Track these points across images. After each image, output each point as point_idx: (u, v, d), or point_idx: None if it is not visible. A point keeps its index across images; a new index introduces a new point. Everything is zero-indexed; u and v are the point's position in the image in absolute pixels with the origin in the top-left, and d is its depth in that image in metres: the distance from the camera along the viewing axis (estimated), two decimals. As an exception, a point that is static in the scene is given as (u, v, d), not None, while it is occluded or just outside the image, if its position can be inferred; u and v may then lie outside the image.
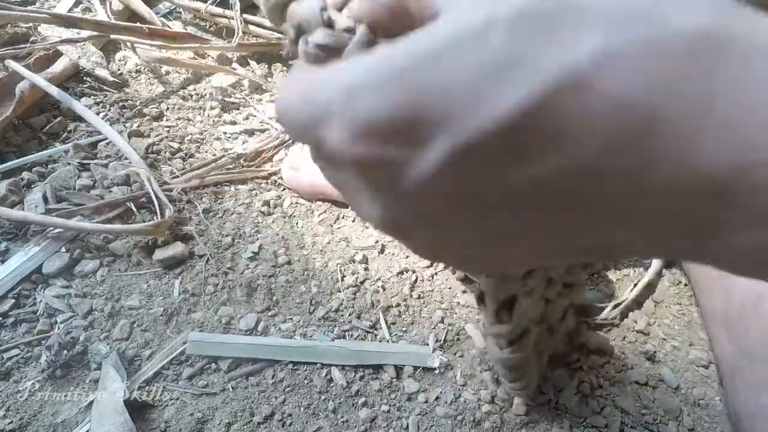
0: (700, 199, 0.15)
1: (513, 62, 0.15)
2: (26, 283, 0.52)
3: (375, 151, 0.16)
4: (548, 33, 0.15)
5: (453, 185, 0.16)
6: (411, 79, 0.15)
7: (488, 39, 0.15)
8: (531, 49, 0.15)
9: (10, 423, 0.43)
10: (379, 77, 0.16)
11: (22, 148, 0.64)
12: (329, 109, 0.17)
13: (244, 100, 0.76)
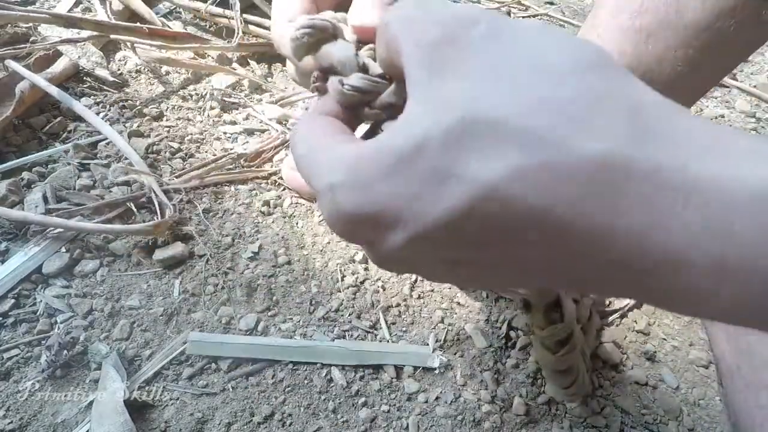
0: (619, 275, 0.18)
1: (444, 176, 0.19)
2: (26, 283, 0.52)
3: (351, 232, 0.22)
4: (472, 150, 0.18)
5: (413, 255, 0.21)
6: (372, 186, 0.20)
7: (425, 155, 0.19)
8: (458, 165, 0.18)
9: (10, 423, 0.43)
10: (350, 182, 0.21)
11: (22, 148, 0.64)
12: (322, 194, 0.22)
13: (244, 100, 0.76)
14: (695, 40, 0.39)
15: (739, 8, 0.37)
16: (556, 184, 0.17)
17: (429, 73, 0.20)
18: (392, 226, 0.20)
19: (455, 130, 0.18)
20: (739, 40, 0.39)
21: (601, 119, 0.17)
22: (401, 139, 0.19)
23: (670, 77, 0.41)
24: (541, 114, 0.17)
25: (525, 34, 0.20)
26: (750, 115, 0.92)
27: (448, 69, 0.20)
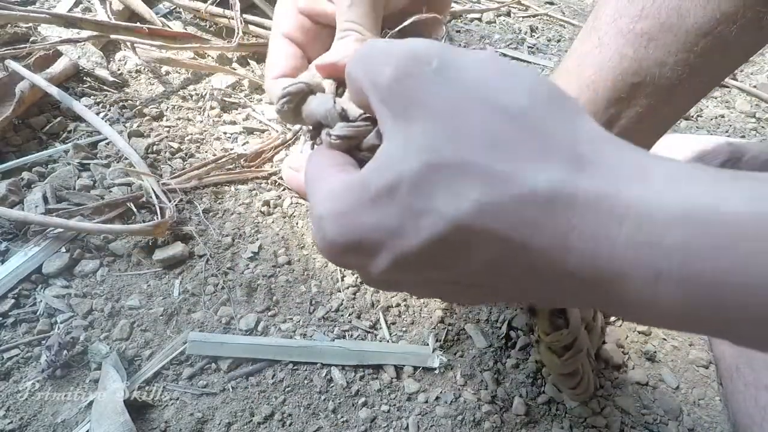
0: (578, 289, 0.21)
1: (418, 211, 0.21)
2: (26, 283, 0.52)
3: (339, 258, 0.25)
4: (439, 188, 0.21)
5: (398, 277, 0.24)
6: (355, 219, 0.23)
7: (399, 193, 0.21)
8: (429, 202, 0.21)
9: (10, 423, 0.43)
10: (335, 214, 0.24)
11: (22, 148, 0.64)
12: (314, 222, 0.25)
13: (244, 100, 0.76)
14: (696, 45, 0.39)
15: (740, 13, 0.37)
16: (513, 213, 0.20)
17: (392, 112, 0.23)
18: (376, 254, 0.23)
19: (422, 171, 0.21)
20: (739, 44, 0.39)
21: (547, 154, 0.20)
22: (379, 178, 0.22)
23: (670, 81, 0.41)
24: (494, 152, 0.20)
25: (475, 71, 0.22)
26: (750, 115, 0.92)
27: (409, 107, 0.22)
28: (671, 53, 0.40)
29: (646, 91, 0.42)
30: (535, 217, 0.19)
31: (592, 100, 0.46)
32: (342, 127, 0.28)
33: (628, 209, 0.18)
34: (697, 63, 0.40)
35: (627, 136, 0.46)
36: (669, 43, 0.40)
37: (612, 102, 0.44)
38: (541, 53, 1.02)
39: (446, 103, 0.21)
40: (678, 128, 0.86)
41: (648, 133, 0.47)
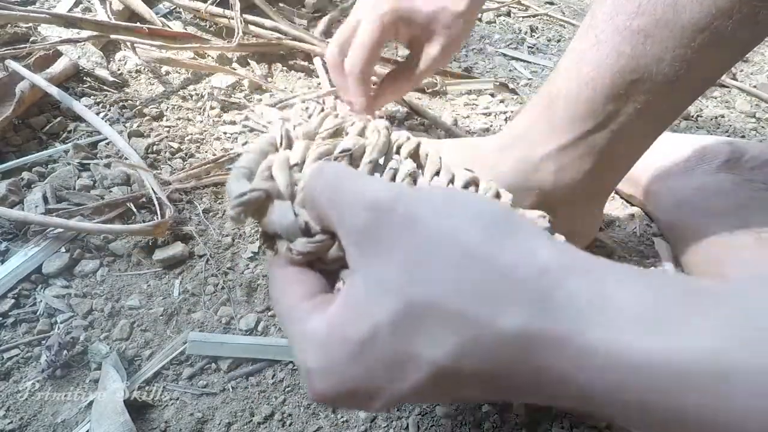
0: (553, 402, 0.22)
1: (402, 358, 0.22)
2: (26, 283, 0.52)
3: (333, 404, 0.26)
4: (417, 334, 0.21)
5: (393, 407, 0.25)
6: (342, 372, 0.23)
7: (380, 341, 0.22)
8: (410, 348, 0.22)
9: (10, 423, 0.43)
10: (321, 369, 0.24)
11: (22, 148, 0.64)
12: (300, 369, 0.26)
13: (244, 100, 0.76)
14: (693, 40, 0.39)
15: (736, 8, 0.37)
16: (490, 354, 0.21)
17: (362, 254, 0.24)
18: (368, 399, 0.24)
19: (398, 316, 0.22)
20: (736, 39, 0.39)
21: (511, 294, 0.21)
22: (357, 329, 0.23)
23: (668, 77, 0.41)
24: (463, 296, 0.21)
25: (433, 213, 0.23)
26: (750, 115, 0.92)
27: (379, 251, 0.23)
28: (668, 49, 0.40)
29: (644, 88, 0.42)
30: (510, 357, 0.21)
31: (591, 98, 0.46)
32: (304, 243, 0.27)
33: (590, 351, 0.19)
34: (694, 59, 0.40)
35: (626, 133, 0.46)
36: (665, 39, 0.40)
37: (610, 99, 0.44)
38: (541, 53, 1.02)
39: (413, 248, 0.22)
40: (678, 128, 0.86)
41: (647, 129, 0.47)
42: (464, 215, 0.23)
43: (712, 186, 0.61)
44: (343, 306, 0.24)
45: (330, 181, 0.26)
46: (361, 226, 0.23)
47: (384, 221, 0.23)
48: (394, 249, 0.22)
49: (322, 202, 0.26)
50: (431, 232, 0.22)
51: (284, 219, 0.27)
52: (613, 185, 0.56)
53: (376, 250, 0.23)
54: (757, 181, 0.61)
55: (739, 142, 0.66)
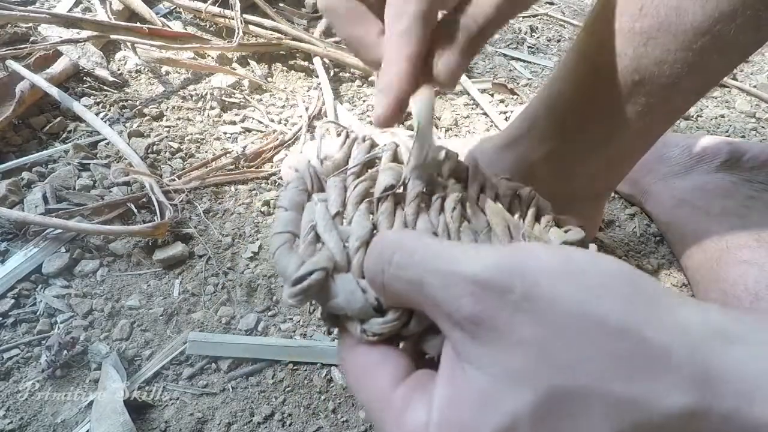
0: None
1: None
2: (26, 283, 0.52)
3: None
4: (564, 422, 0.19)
5: None
6: None
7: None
8: None
9: (10, 423, 0.43)
10: None
11: (22, 148, 0.64)
12: None
13: (244, 100, 0.76)
14: (695, 44, 0.39)
15: (739, 12, 0.37)
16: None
17: (476, 342, 0.21)
18: None
19: (539, 409, 0.19)
20: (738, 43, 0.39)
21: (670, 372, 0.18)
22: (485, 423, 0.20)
23: (669, 80, 0.41)
24: (614, 378, 0.19)
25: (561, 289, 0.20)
26: (750, 115, 0.92)
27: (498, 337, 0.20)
28: (670, 52, 0.40)
29: (645, 90, 0.42)
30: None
31: (591, 100, 0.46)
32: (380, 325, 0.24)
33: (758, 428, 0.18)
34: (695, 62, 0.40)
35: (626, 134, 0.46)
36: (668, 42, 0.40)
37: (611, 101, 0.44)
38: (541, 53, 1.02)
39: (541, 330, 0.20)
40: (678, 128, 0.86)
41: (647, 131, 0.47)
42: (590, 284, 0.20)
43: (712, 186, 0.61)
44: (459, 396, 0.21)
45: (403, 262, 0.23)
46: (471, 312, 0.20)
47: (500, 305, 0.20)
48: (519, 333, 0.20)
49: (399, 286, 0.23)
50: (559, 309, 0.20)
51: (353, 301, 0.25)
52: (613, 186, 0.56)
53: (494, 336, 0.20)
54: (757, 181, 0.61)
55: (739, 142, 0.66)
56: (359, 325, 0.25)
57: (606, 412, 0.19)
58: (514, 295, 0.20)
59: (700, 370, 0.19)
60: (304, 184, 0.30)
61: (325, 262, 0.25)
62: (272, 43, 0.82)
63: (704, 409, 0.18)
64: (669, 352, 0.19)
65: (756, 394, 0.18)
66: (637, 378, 0.19)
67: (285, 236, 0.27)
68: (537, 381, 0.19)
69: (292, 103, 0.77)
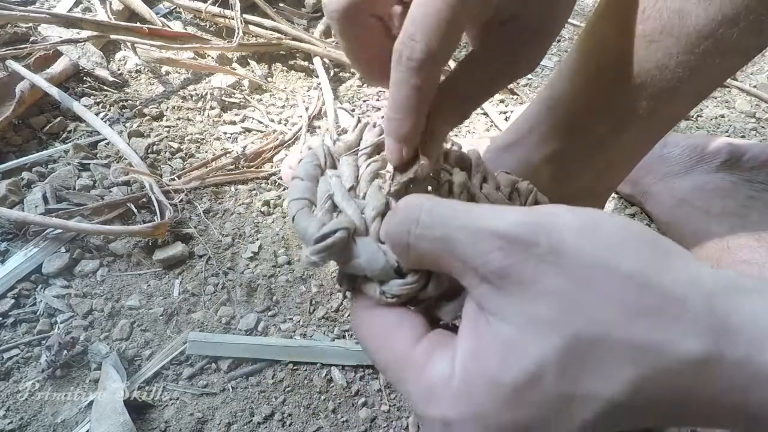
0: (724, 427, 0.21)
1: (568, 398, 0.20)
2: (26, 283, 0.52)
3: None
4: (587, 369, 0.20)
5: None
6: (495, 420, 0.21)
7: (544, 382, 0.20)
8: (578, 386, 0.20)
9: (10, 423, 0.43)
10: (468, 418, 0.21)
11: (22, 148, 0.64)
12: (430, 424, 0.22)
13: (244, 100, 0.76)
14: (697, 47, 0.39)
15: (742, 16, 0.37)
16: (668, 384, 0.20)
17: (503, 293, 0.21)
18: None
19: (565, 356, 0.20)
20: (740, 47, 0.39)
21: (686, 320, 0.20)
22: (514, 370, 0.20)
23: (670, 83, 0.41)
24: (634, 326, 0.20)
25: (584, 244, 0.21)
26: (750, 115, 0.92)
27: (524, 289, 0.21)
28: (672, 55, 0.40)
29: (646, 93, 0.42)
30: (689, 384, 0.20)
31: (592, 102, 0.45)
32: (400, 286, 0.25)
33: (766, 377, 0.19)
34: (697, 65, 0.40)
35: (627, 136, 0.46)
36: (670, 45, 0.39)
37: (612, 103, 0.44)
38: (541, 53, 1.02)
39: (566, 281, 0.20)
40: (678, 128, 0.86)
41: (648, 133, 0.47)
42: (612, 241, 0.21)
43: (712, 186, 0.61)
44: (484, 347, 0.22)
45: (431, 222, 0.23)
46: (498, 265, 0.21)
47: (526, 257, 0.21)
48: (544, 284, 0.21)
49: (426, 245, 0.23)
50: (584, 262, 0.21)
51: (375, 261, 0.25)
52: (613, 186, 0.56)
53: (520, 288, 0.21)
54: (757, 181, 0.61)
55: (739, 142, 0.66)
56: (378, 287, 0.25)
57: (627, 358, 0.20)
58: (540, 249, 0.21)
59: (714, 319, 0.20)
60: (317, 159, 0.30)
61: (347, 223, 0.26)
62: (272, 43, 0.82)
63: (717, 356, 0.19)
64: (685, 302, 0.20)
65: (766, 343, 0.19)
66: (656, 326, 0.20)
67: (303, 202, 0.27)
68: (562, 328, 0.20)
69: (292, 103, 0.77)
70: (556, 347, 0.20)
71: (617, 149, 0.48)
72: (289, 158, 0.66)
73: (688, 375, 0.20)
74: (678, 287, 0.20)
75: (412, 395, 0.23)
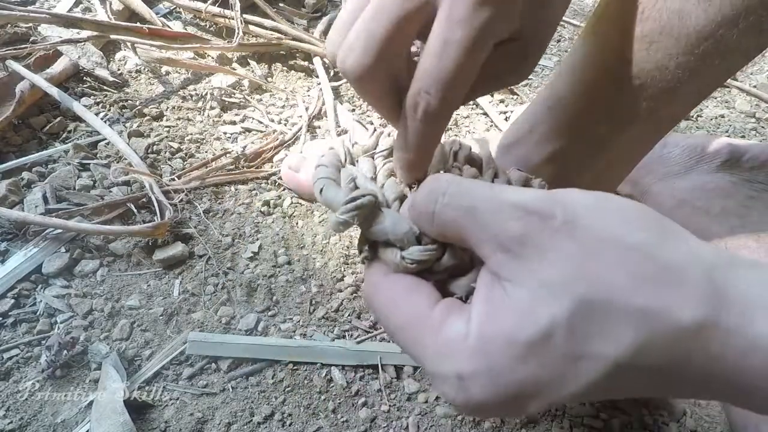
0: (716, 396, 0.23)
1: (575, 356, 0.22)
2: (26, 283, 0.52)
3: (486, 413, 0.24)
4: (594, 330, 0.21)
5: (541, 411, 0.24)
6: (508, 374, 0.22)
7: (554, 340, 0.22)
8: (586, 345, 0.22)
9: (10, 423, 0.43)
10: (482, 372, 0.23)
11: (22, 148, 0.64)
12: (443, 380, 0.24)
13: (244, 100, 0.76)
14: (697, 48, 0.39)
15: (742, 16, 0.37)
16: (667, 347, 0.21)
17: (519, 260, 0.23)
18: (528, 403, 0.23)
19: (574, 316, 0.22)
20: (740, 47, 0.39)
21: (686, 287, 0.21)
22: (527, 328, 0.22)
23: (670, 84, 0.41)
24: (639, 292, 0.21)
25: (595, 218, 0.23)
26: (750, 115, 0.92)
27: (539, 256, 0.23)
28: (672, 56, 0.40)
29: (646, 93, 0.42)
30: (687, 348, 0.21)
31: (592, 103, 0.45)
32: (420, 251, 0.27)
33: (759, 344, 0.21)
34: (697, 66, 0.40)
35: (627, 137, 0.46)
36: (670, 46, 0.39)
37: (612, 104, 0.44)
38: (541, 53, 1.02)
39: (578, 249, 0.22)
40: (678, 128, 0.86)
41: (648, 134, 0.47)
42: (623, 218, 0.23)
43: (712, 186, 0.61)
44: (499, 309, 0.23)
45: (458, 192, 0.25)
46: (516, 233, 0.23)
47: (542, 227, 0.23)
48: (558, 252, 0.22)
49: (451, 213, 0.25)
50: (595, 234, 0.22)
51: (399, 226, 0.27)
52: (613, 186, 0.56)
53: (536, 255, 0.23)
54: (757, 181, 0.61)
55: (739, 142, 0.66)
56: (399, 252, 0.27)
57: (630, 321, 0.21)
58: (556, 221, 0.23)
59: (711, 289, 0.21)
60: (338, 157, 0.33)
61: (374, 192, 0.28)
62: (272, 43, 0.82)
63: (712, 322, 0.21)
64: (686, 272, 0.22)
65: (757, 313, 0.21)
66: (658, 293, 0.21)
67: (328, 180, 0.29)
68: (572, 291, 0.22)
69: (292, 103, 0.77)
70: (566, 308, 0.22)
71: (617, 149, 0.48)
72: (288, 158, 0.66)
73: (686, 340, 0.21)
74: (679, 259, 0.22)
75: (427, 353, 0.25)
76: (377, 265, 0.28)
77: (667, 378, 0.22)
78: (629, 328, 0.21)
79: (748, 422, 0.46)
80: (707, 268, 0.22)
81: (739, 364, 0.21)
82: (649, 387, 0.23)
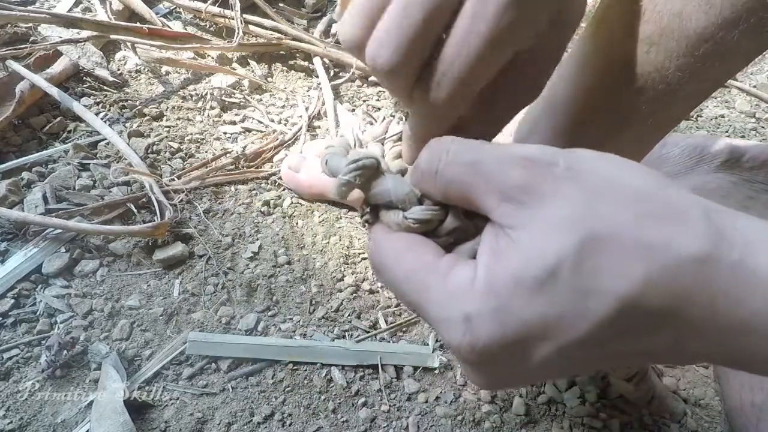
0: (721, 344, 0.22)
1: (584, 292, 0.21)
2: (26, 283, 0.52)
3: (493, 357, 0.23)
4: (601, 265, 0.21)
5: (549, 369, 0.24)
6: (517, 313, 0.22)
7: (562, 276, 0.21)
8: (594, 281, 0.21)
9: (10, 423, 0.43)
10: (490, 311, 0.22)
11: (22, 148, 0.64)
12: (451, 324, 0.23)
13: (244, 100, 0.76)
14: (697, 50, 0.39)
15: (742, 18, 0.37)
16: (672, 282, 0.21)
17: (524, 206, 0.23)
18: (535, 347, 0.23)
19: (581, 249, 0.21)
20: (740, 49, 0.39)
21: (688, 224, 0.22)
22: (534, 265, 0.22)
23: (670, 85, 0.41)
24: (644, 227, 0.22)
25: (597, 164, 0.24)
26: (750, 115, 0.92)
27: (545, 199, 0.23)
28: (672, 58, 0.40)
29: (646, 96, 0.42)
30: (690, 283, 0.21)
31: (592, 104, 0.45)
32: (423, 210, 0.27)
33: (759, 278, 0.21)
34: (697, 68, 0.40)
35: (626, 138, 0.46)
36: (670, 48, 0.39)
37: (612, 106, 0.44)
38: (541, 53, 1.02)
39: (582, 190, 0.23)
40: (678, 128, 0.86)
41: (648, 136, 0.47)
42: (624, 166, 0.24)
43: (712, 186, 0.61)
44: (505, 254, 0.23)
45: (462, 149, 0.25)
46: (521, 181, 0.23)
47: (546, 174, 0.23)
48: (563, 195, 0.23)
49: (455, 169, 0.25)
50: (598, 178, 0.23)
51: (401, 187, 0.28)
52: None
53: (540, 200, 0.23)
54: (757, 181, 0.61)
55: (739, 142, 0.66)
56: (401, 213, 0.27)
57: (637, 255, 0.21)
58: (559, 168, 0.23)
59: (713, 228, 0.22)
60: (347, 142, 0.33)
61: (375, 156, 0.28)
62: (272, 43, 0.82)
63: (716, 257, 0.21)
64: (688, 211, 0.22)
65: (759, 248, 0.21)
66: (662, 228, 0.22)
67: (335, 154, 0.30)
68: (578, 228, 0.22)
69: (292, 103, 0.77)
70: (573, 244, 0.22)
71: (617, 150, 0.47)
72: (288, 158, 0.66)
73: (689, 274, 0.21)
74: (680, 201, 0.23)
75: (432, 298, 0.25)
76: (380, 226, 0.29)
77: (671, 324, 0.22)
78: (636, 263, 0.21)
79: (749, 422, 0.46)
80: (706, 211, 0.23)
81: (741, 301, 0.21)
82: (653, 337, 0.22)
